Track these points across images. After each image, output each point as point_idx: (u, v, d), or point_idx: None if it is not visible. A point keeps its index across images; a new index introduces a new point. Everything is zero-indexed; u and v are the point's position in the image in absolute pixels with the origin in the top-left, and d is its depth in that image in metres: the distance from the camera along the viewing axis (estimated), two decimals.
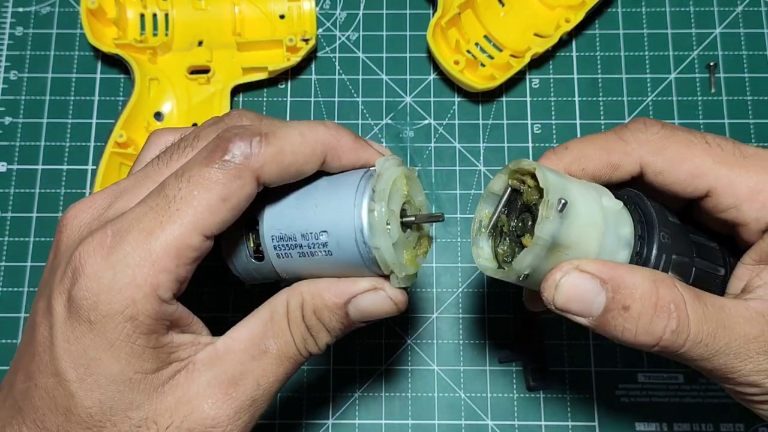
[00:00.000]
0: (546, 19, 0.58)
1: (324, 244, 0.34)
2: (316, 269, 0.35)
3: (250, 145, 0.33)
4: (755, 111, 0.58)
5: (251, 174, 0.33)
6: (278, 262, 0.36)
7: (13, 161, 0.57)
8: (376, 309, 0.35)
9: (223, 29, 0.58)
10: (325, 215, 0.34)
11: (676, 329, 0.32)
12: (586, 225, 0.32)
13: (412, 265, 0.36)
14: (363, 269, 0.34)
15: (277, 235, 0.35)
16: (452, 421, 0.52)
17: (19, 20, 0.60)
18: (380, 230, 0.33)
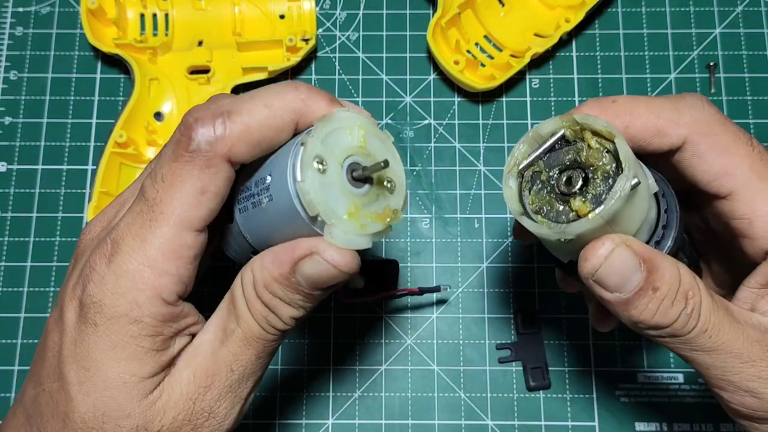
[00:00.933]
0: (546, 19, 0.58)
1: (267, 188, 0.33)
2: (266, 224, 0.34)
3: (213, 129, 0.32)
4: (755, 111, 0.58)
5: (221, 159, 0.32)
6: (240, 219, 0.35)
7: (13, 161, 0.57)
8: (321, 275, 0.32)
9: (223, 29, 0.58)
10: (274, 159, 0.33)
11: (690, 313, 0.32)
12: (639, 206, 0.32)
13: (353, 221, 0.32)
14: (301, 221, 0.32)
15: (241, 190, 0.35)
16: (452, 421, 0.52)
17: (19, 20, 0.60)
18: (306, 163, 0.31)
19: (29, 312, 0.54)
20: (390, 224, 0.33)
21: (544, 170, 0.34)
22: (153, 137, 0.55)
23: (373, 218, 0.33)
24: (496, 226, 0.56)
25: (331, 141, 0.33)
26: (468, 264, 0.55)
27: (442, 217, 0.56)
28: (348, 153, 0.33)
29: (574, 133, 0.33)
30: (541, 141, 0.34)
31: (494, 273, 0.55)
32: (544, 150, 0.34)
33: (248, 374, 0.35)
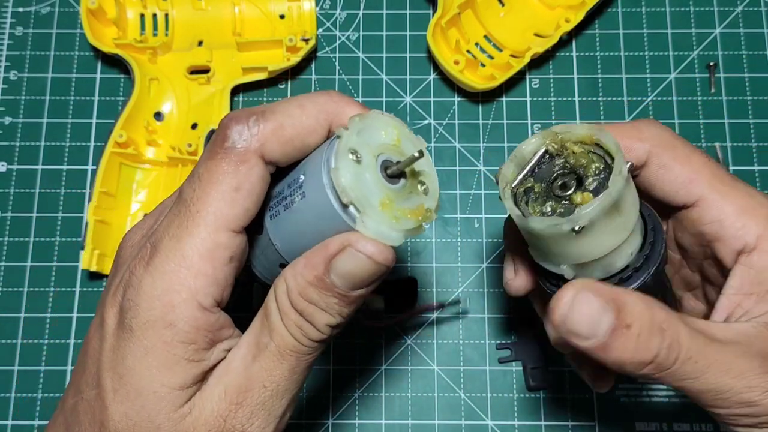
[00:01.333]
0: (546, 19, 0.58)
1: (300, 186, 0.32)
2: (297, 226, 0.33)
3: (248, 126, 0.32)
4: (755, 111, 0.58)
5: (255, 155, 0.32)
6: (271, 226, 0.34)
7: (13, 161, 0.57)
8: (356, 270, 0.31)
9: (223, 29, 0.58)
10: (308, 160, 0.33)
11: (670, 344, 0.31)
12: (634, 194, 0.34)
13: (386, 212, 0.32)
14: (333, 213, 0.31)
15: (273, 196, 0.34)
16: (452, 421, 0.52)
17: (19, 20, 0.60)
18: (341, 152, 0.31)
19: (29, 312, 0.54)
20: (422, 222, 0.33)
21: (535, 185, 0.35)
22: (153, 137, 0.55)
23: (406, 214, 0.33)
24: (496, 226, 0.56)
25: (366, 136, 0.33)
26: (468, 264, 0.55)
27: (442, 217, 0.56)
28: (382, 149, 0.33)
29: (556, 147, 0.35)
30: (525, 161, 0.36)
31: (494, 273, 0.55)
32: (530, 169, 0.35)
33: (282, 391, 0.33)
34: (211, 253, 0.31)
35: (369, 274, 0.32)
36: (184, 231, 0.31)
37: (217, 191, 0.31)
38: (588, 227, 0.32)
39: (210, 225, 0.31)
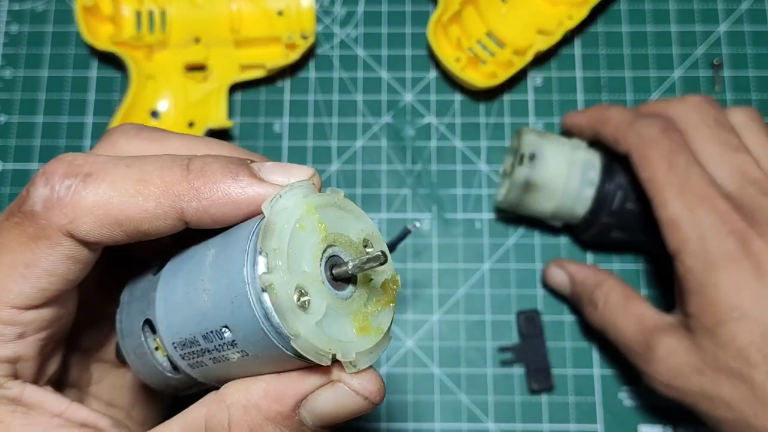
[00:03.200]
0: (549, 16, 0.58)
1: (232, 344, 0.25)
2: (244, 370, 0.26)
3: (55, 191, 0.25)
4: (760, 109, 0.57)
5: (58, 232, 0.25)
6: (196, 372, 0.28)
7: (9, 160, 0.57)
8: (340, 409, 0.25)
9: (220, 26, 0.58)
10: (219, 302, 0.25)
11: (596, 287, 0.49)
12: (553, 172, 0.48)
13: (367, 334, 0.26)
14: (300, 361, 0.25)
15: (178, 342, 0.27)
16: (453, 423, 0.51)
17: (14, 18, 0.60)
18: (288, 311, 0.23)
19: None
20: (395, 300, 0.27)
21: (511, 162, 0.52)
22: None
23: (377, 310, 0.27)
24: (498, 227, 0.55)
25: (292, 253, 0.24)
26: (469, 265, 0.54)
27: (442, 217, 0.55)
28: (316, 258, 0.25)
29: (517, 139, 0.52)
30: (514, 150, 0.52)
31: (496, 274, 0.54)
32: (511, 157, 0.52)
33: None
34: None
35: (354, 415, 0.26)
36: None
37: (2, 262, 0.26)
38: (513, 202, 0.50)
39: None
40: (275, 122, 0.57)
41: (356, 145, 0.57)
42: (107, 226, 0.25)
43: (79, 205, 0.25)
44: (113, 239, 0.26)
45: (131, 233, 0.26)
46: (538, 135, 0.49)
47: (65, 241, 0.25)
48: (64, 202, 0.25)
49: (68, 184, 0.25)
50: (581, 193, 0.48)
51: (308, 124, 0.57)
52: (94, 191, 0.25)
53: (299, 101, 0.58)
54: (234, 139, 0.57)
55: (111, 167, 0.25)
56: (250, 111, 0.58)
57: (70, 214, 0.25)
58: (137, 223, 0.25)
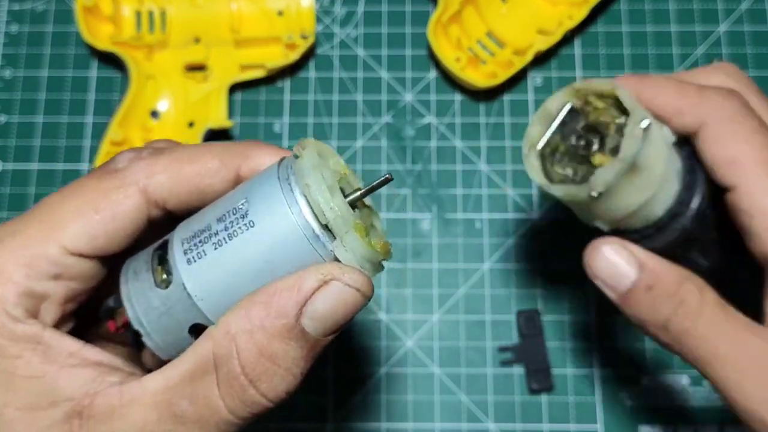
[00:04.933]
0: (549, 16, 0.58)
1: (244, 214, 0.27)
2: (241, 265, 0.27)
3: (140, 154, 0.29)
4: None
5: (135, 186, 0.28)
6: (190, 273, 0.27)
7: (8, 160, 0.57)
8: (339, 309, 0.27)
9: (220, 26, 0.58)
10: (245, 189, 0.28)
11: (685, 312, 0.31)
12: (658, 150, 0.32)
13: (365, 241, 0.27)
14: (303, 243, 0.26)
15: (189, 236, 0.28)
16: (453, 423, 0.51)
17: (14, 18, 0.60)
18: (309, 167, 0.27)
19: None
20: (386, 258, 0.29)
21: (560, 143, 0.34)
22: (149, 136, 0.55)
23: (375, 244, 0.28)
24: (498, 227, 0.55)
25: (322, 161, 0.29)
26: (469, 265, 0.54)
27: (443, 217, 0.55)
28: (337, 176, 0.29)
29: (581, 102, 0.34)
30: (551, 118, 0.34)
31: (496, 274, 0.54)
32: (557, 126, 0.34)
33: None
34: (29, 261, 0.27)
35: (352, 311, 0.27)
36: (9, 232, 0.28)
37: (72, 203, 0.28)
38: (607, 191, 0.31)
39: (42, 232, 0.28)
40: (275, 122, 0.57)
41: (356, 145, 0.57)
42: (179, 183, 0.29)
43: (158, 162, 0.29)
44: (180, 198, 0.29)
45: (196, 190, 0.29)
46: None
47: (136, 195, 0.29)
48: (146, 161, 0.29)
49: (150, 151, 0.29)
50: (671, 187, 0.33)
51: (308, 124, 0.57)
52: (169, 153, 0.29)
53: (299, 101, 0.58)
54: (234, 139, 0.57)
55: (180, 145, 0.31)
56: (250, 111, 0.58)
57: (149, 170, 0.29)
58: (202, 177, 0.29)
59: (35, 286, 0.28)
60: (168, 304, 0.28)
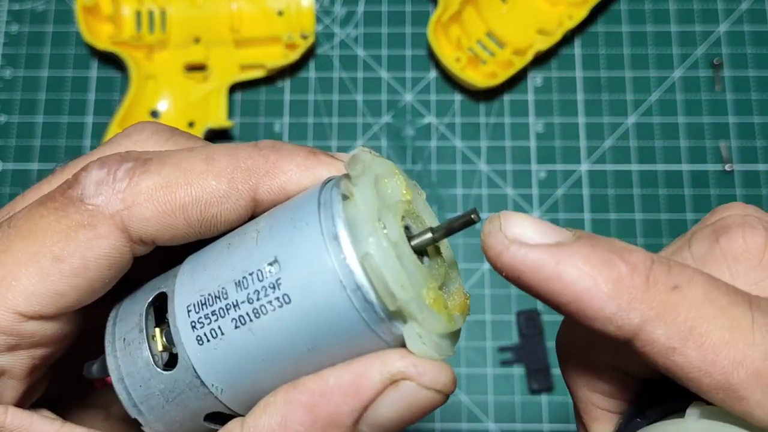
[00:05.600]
0: (549, 16, 0.58)
1: (275, 284, 0.20)
2: (270, 354, 0.20)
3: (114, 175, 0.21)
4: (760, 109, 0.57)
5: (108, 222, 0.21)
6: (203, 357, 0.21)
7: (9, 160, 0.57)
8: (408, 412, 0.20)
9: (220, 26, 0.58)
10: (272, 239, 0.20)
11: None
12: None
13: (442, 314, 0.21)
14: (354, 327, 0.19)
15: (197, 301, 0.21)
16: (453, 423, 0.51)
17: (14, 18, 0.60)
18: (366, 218, 0.19)
19: None
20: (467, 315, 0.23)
21: None
22: None
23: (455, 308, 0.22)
24: None
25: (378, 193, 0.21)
26: (469, 265, 0.54)
27: (443, 217, 0.55)
28: (400, 210, 0.21)
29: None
30: None
31: (495, 274, 0.54)
32: None
33: None
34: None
35: (424, 414, 0.21)
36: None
37: (23, 251, 0.21)
38: None
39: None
40: (275, 122, 0.57)
41: (356, 145, 0.57)
42: (169, 213, 0.21)
43: (140, 187, 0.21)
44: (171, 231, 0.22)
45: (194, 221, 0.22)
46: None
47: (112, 233, 0.21)
48: (123, 185, 0.21)
49: (127, 167, 0.21)
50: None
51: (308, 124, 0.57)
52: (157, 172, 0.21)
53: (299, 101, 0.58)
54: (234, 139, 0.57)
55: (172, 152, 0.22)
56: (250, 111, 0.57)
57: (128, 198, 0.21)
58: (204, 205, 0.21)
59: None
60: (175, 390, 0.22)
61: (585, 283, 0.19)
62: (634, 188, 0.55)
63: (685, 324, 0.18)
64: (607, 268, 0.19)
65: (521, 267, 0.20)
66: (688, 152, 0.56)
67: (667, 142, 0.56)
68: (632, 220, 0.55)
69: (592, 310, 0.19)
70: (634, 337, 0.19)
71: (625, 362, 0.22)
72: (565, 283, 0.19)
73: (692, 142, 0.56)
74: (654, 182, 0.55)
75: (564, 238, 0.20)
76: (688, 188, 0.55)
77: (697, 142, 0.56)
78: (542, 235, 0.20)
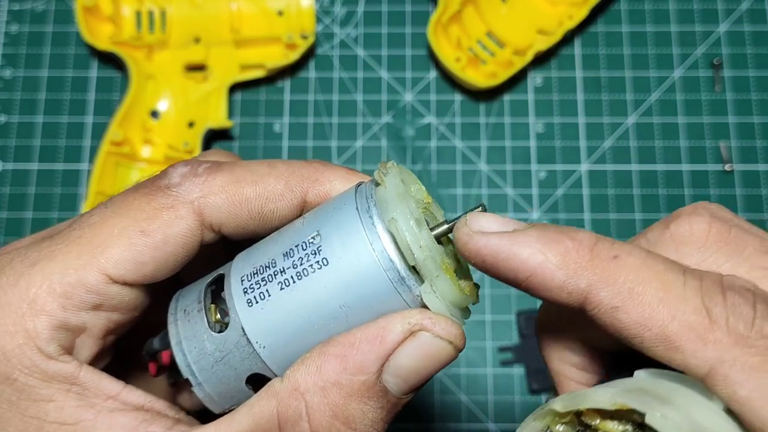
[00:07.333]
0: (549, 16, 0.58)
1: (316, 251, 0.24)
2: (309, 311, 0.24)
3: (195, 171, 0.26)
4: (760, 109, 0.57)
5: (188, 206, 0.25)
6: (250, 317, 0.24)
7: (9, 160, 0.57)
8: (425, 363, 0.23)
9: (220, 26, 0.58)
10: (316, 220, 0.25)
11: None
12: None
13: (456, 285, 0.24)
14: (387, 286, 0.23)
15: (249, 272, 0.25)
16: (453, 423, 0.51)
17: (14, 18, 0.60)
18: (394, 196, 0.24)
19: None
20: (475, 301, 0.26)
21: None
22: (149, 135, 0.55)
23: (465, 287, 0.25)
24: None
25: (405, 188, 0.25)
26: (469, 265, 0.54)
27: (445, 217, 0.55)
28: (421, 205, 0.26)
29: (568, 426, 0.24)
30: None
31: None
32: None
33: None
34: (66, 290, 0.24)
35: (441, 366, 0.24)
36: (45, 255, 0.25)
37: (117, 223, 0.25)
38: None
39: (82, 257, 0.24)
40: (275, 122, 0.57)
41: (356, 145, 0.57)
42: (237, 205, 0.26)
43: (215, 181, 0.26)
44: (239, 221, 0.26)
45: (257, 214, 0.26)
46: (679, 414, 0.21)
47: (190, 216, 0.25)
48: (202, 178, 0.26)
49: (206, 166, 0.26)
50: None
51: (308, 124, 0.57)
52: (229, 171, 0.26)
53: (299, 101, 0.58)
54: (234, 139, 0.57)
55: (241, 160, 0.27)
56: (250, 111, 0.58)
57: (205, 189, 0.26)
58: (265, 201, 0.26)
59: (72, 318, 0.24)
60: (224, 350, 0.25)
61: (537, 259, 0.22)
62: (634, 188, 0.55)
63: (625, 285, 0.21)
64: (556, 244, 0.22)
65: (484, 252, 0.23)
66: (688, 152, 0.56)
67: (667, 142, 0.56)
68: (632, 220, 0.55)
69: (546, 280, 0.22)
70: (584, 301, 0.22)
71: (591, 337, 0.25)
72: (521, 260, 0.22)
73: (692, 142, 0.56)
74: (654, 182, 0.55)
75: (520, 227, 0.23)
76: (688, 188, 0.55)
77: (697, 142, 0.56)
78: (501, 225, 0.23)
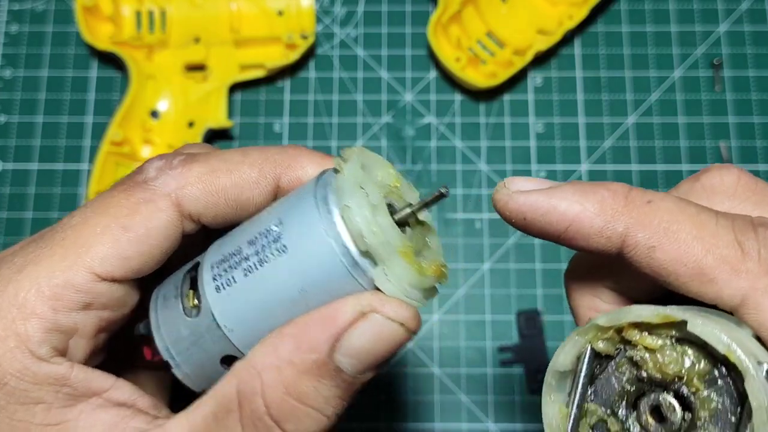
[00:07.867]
0: (549, 16, 0.58)
1: (276, 238, 0.25)
2: (272, 294, 0.25)
3: (170, 163, 0.27)
4: (760, 109, 0.57)
5: (166, 198, 0.26)
6: (218, 302, 0.26)
7: (9, 160, 0.57)
8: (378, 345, 0.24)
9: (220, 26, 0.58)
10: (280, 208, 0.26)
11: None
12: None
13: (414, 267, 0.25)
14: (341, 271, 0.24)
15: (218, 260, 0.26)
16: (453, 423, 0.51)
17: (14, 17, 0.60)
18: (350, 184, 0.24)
19: None
20: (440, 281, 0.27)
21: (606, 416, 0.23)
22: (149, 135, 0.55)
23: (427, 269, 0.26)
24: (498, 227, 0.55)
25: (368, 173, 0.26)
26: (469, 265, 0.54)
27: (443, 217, 0.55)
28: (385, 190, 0.27)
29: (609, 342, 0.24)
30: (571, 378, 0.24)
31: (496, 274, 0.54)
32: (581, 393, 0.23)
33: None
34: (55, 291, 0.25)
35: (394, 347, 0.25)
36: (32, 259, 0.25)
37: (98, 222, 0.26)
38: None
39: (68, 258, 0.25)
40: (275, 122, 0.57)
41: (356, 145, 0.57)
42: (213, 194, 0.27)
43: (191, 172, 0.27)
44: (216, 210, 0.27)
45: (233, 202, 0.27)
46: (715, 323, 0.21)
47: (169, 208, 0.26)
48: (177, 170, 0.27)
49: (181, 158, 0.27)
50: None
51: (308, 124, 0.57)
52: (204, 162, 0.27)
53: (299, 101, 0.58)
54: (234, 139, 0.57)
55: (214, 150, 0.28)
56: (250, 111, 0.58)
57: (181, 180, 0.26)
58: (240, 189, 0.27)
59: (63, 319, 0.25)
60: (197, 334, 0.26)
61: (575, 209, 0.24)
62: None
63: (660, 226, 0.23)
64: (592, 194, 0.24)
65: (524, 208, 0.24)
66: (688, 152, 0.56)
67: (667, 142, 0.56)
68: None
69: (584, 228, 0.24)
70: (622, 245, 0.23)
71: (621, 284, 0.27)
72: (560, 212, 0.24)
73: (692, 142, 0.56)
74: (654, 182, 0.56)
75: (555, 185, 0.25)
76: None
77: (697, 142, 0.56)
78: (537, 184, 0.25)
